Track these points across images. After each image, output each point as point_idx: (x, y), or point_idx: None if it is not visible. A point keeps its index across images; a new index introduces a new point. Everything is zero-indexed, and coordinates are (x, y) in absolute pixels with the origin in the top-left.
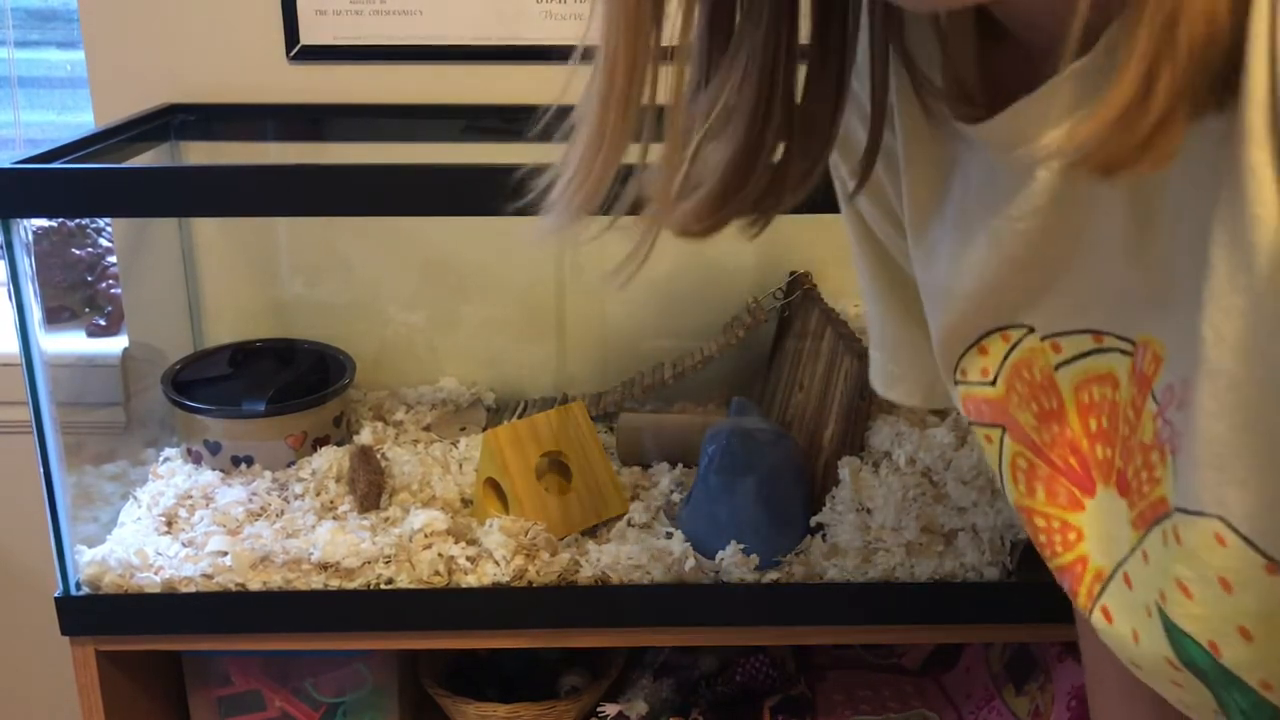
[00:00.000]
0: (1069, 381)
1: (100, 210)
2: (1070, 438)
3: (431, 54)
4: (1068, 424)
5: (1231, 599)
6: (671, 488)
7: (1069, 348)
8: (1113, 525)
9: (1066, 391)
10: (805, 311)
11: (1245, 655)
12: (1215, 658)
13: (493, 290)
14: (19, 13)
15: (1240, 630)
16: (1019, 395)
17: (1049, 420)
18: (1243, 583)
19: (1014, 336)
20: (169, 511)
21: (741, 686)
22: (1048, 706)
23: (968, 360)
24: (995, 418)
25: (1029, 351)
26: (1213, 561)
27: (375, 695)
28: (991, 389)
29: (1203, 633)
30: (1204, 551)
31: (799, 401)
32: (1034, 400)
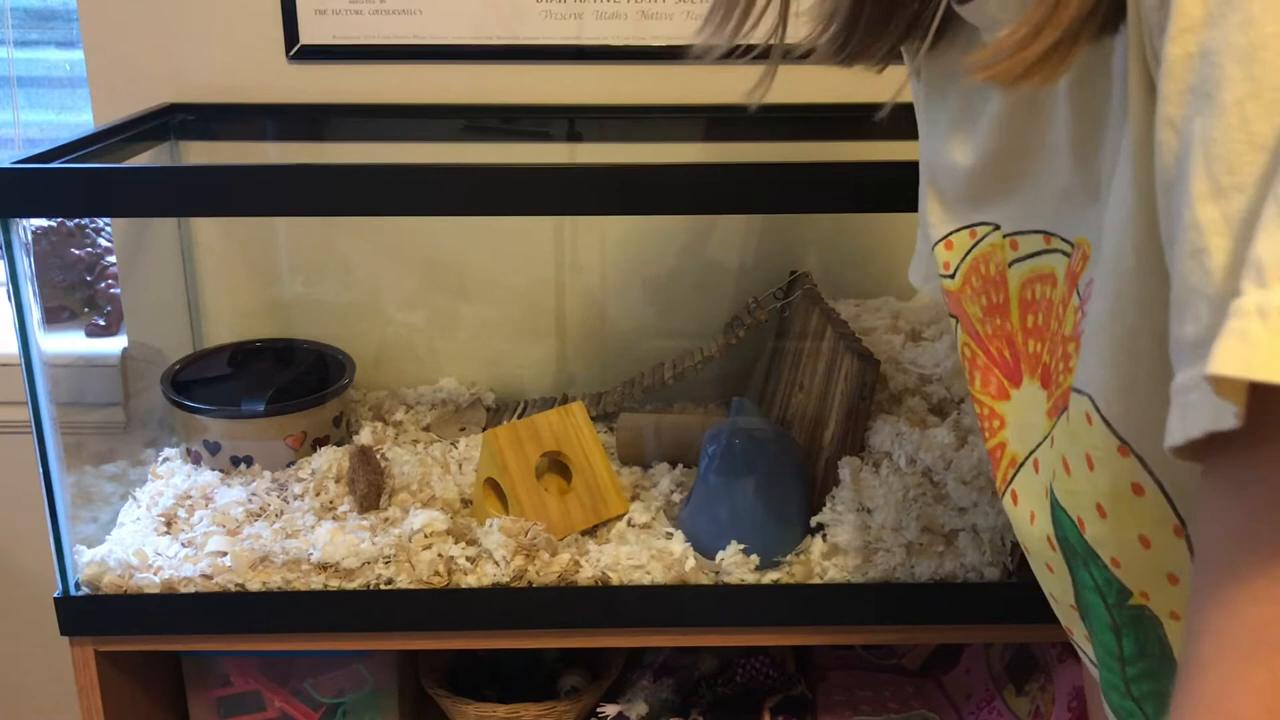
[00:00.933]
0: (1017, 278)
1: (100, 210)
2: (1008, 331)
3: (431, 54)
4: (1009, 318)
5: (1093, 476)
6: (671, 488)
7: (1024, 246)
8: (1031, 415)
9: (1014, 287)
10: (805, 311)
11: (1101, 531)
12: (1081, 533)
13: (493, 290)
14: (19, 12)
15: (1098, 507)
16: (972, 289)
17: (993, 313)
18: (1101, 460)
19: (980, 233)
20: (168, 512)
21: (741, 687)
22: (1048, 707)
23: (937, 251)
24: (952, 309)
25: (990, 247)
26: (1083, 438)
27: (375, 695)
28: (950, 281)
29: (1073, 507)
30: (1079, 429)
31: (799, 401)
32: (984, 294)
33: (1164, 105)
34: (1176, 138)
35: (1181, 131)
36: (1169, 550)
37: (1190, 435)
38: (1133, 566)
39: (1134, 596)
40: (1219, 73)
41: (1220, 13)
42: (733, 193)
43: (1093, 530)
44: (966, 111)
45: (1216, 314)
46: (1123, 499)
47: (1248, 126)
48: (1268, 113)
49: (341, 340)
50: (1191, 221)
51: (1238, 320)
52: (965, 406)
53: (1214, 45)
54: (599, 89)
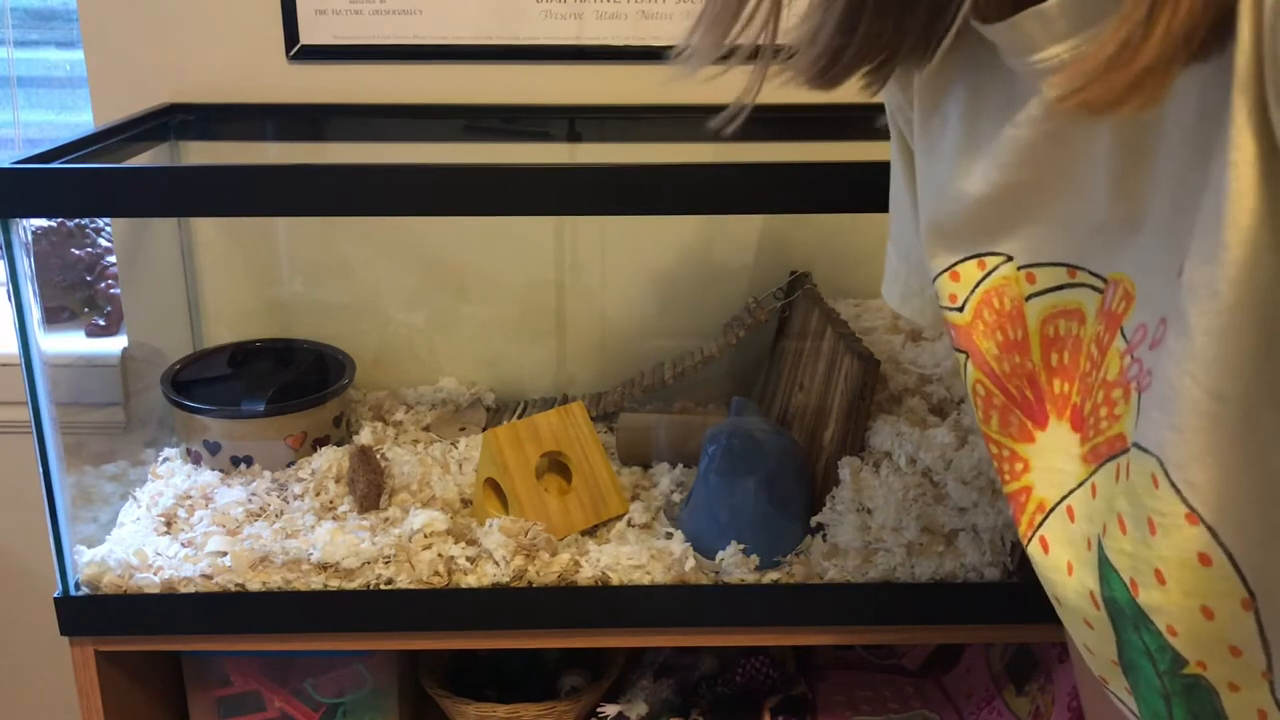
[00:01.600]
0: (1037, 314)
1: (100, 210)
2: (1029, 369)
3: (431, 54)
4: (1029, 355)
5: (1154, 541)
6: (671, 488)
7: (1043, 279)
8: (1060, 459)
9: (1033, 323)
10: (805, 311)
11: (1158, 598)
12: (1134, 596)
13: (493, 290)
14: (19, 12)
15: (1156, 573)
16: (985, 323)
17: (1011, 350)
18: (1165, 527)
19: (990, 264)
20: (168, 512)
21: (742, 687)
22: (1048, 707)
23: (941, 283)
24: (961, 344)
25: (1003, 280)
26: (1146, 501)
27: (375, 695)
28: (959, 315)
29: (1127, 569)
30: (1142, 489)
31: (799, 401)
32: (1000, 329)
33: None
34: None
35: None
36: (1234, 623)
37: None
38: (1192, 636)
39: (1189, 666)
40: None
41: None
42: (733, 193)
43: (1148, 596)
44: (975, 136)
45: None
46: (1187, 567)
47: None
48: None
49: (341, 340)
50: None
51: None
52: (965, 406)
53: None
54: (599, 89)
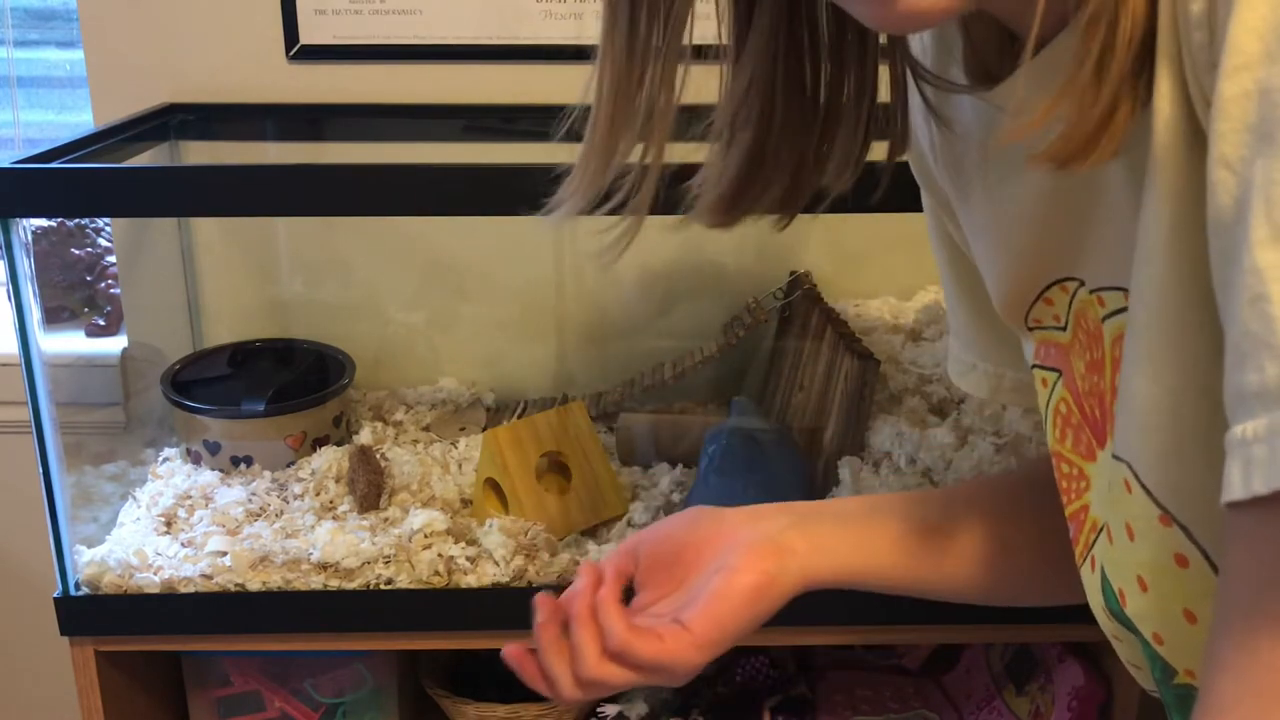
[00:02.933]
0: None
1: (100, 210)
2: (1102, 389)
3: (431, 54)
4: (1104, 375)
5: (1134, 547)
6: (671, 488)
7: (1110, 302)
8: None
9: (1108, 344)
10: (805, 311)
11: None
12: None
13: (493, 290)
14: (18, 12)
15: (1139, 580)
16: (1080, 343)
17: (1094, 370)
18: (1142, 531)
19: (1071, 288)
20: (168, 512)
21: (741, 687)
22: (1048, 707)
23: (1037, 311)
24: (1058, 362)
25: (1083, 303)
26: (1122, 507)
27: (375, 695)
28: (1063, 334)
29: (1115, 578)
30: (1119, 497)
31: (799, 401)
32: (1089, 349)
33: (1218, 144)
34: (1234, 178)
35: (1239, 173)
36: None
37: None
38: (1177, 643)
39: (1179, 675)
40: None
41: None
42: None
43: (1134, 604)
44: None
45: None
46: (1165, 571)
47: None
48: None
49: (341, 340)
50: (1251, 266)
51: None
52: (965, 406)
53: (1274, 83)
54: None
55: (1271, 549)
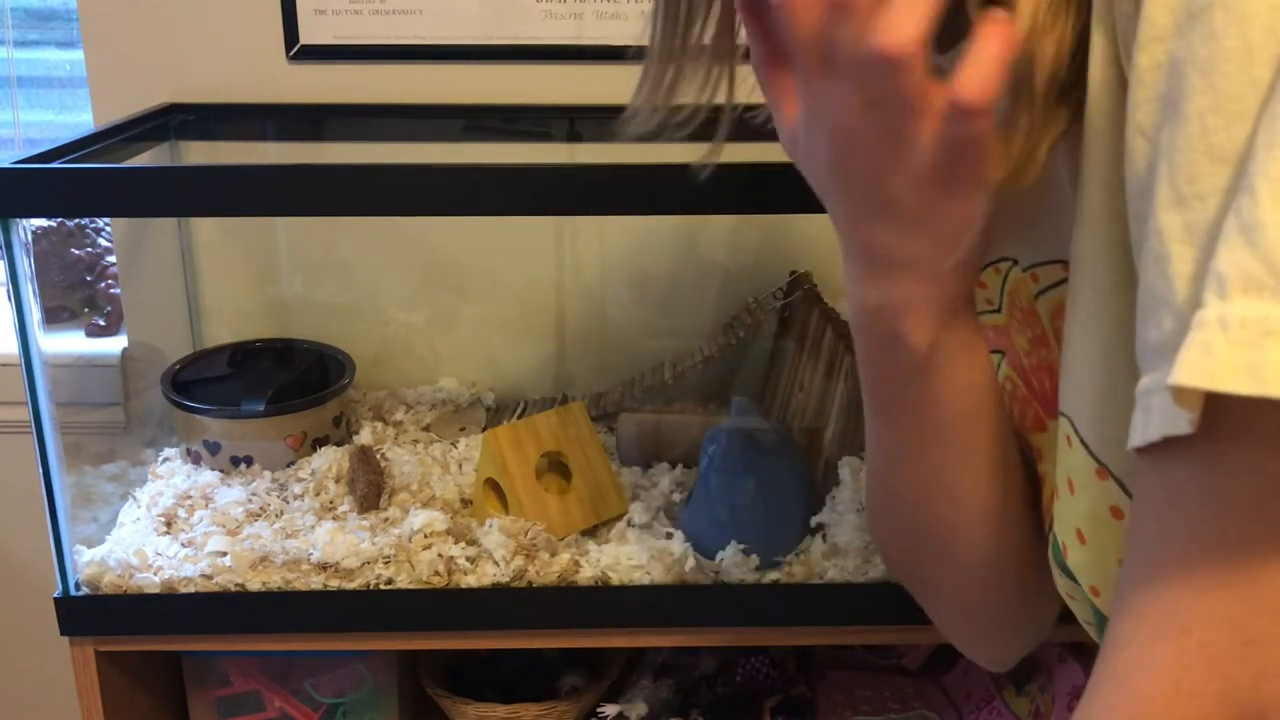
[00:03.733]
0: (1046, 310)
1: (100, 210)
2: (1050, 362)
3: (431, 54)
4: (1051, 350)
5: (1074, 500)
6: (671, 488)
7: (1045, 277)
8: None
9: (1045, 319)
10: (805, 311)
11: (1081, 558)
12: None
13: (493, 290)
14: (18, 12)
15: (1078, 533)
16: (1017, 321)
17: (1038, 345)
18: (1080, 485)
19: (1003, 269)
20: (168, 512)
21: (741, 687)
22: (1048, 707)
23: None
24: (998, 344)
25: (1016, 281)
26: (1064, 461)
27: (375, 695)
28: (998, 315)
29: (1060, 532)
30: (1062, 451)
31: (799, 401)
32: (1026, 326)
33: (1134, 113)
34: (1147, 144)
35: (1151, 139)
36: None
37: (1149, 438)
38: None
39: None
40: (1184, 83)
41: (1186, 24)
42: (733, 193)
43: (1074, 557)
44: None
45: (1178, 321)
46: (1102, 523)
47: (1208, 138)
48: (1227, 125)
49: (341, 340)
50: (1155, 228)
51: (1200, 332)
52: None
53: (1180, 55)
54: (599, 89)
55: (1166, 493)
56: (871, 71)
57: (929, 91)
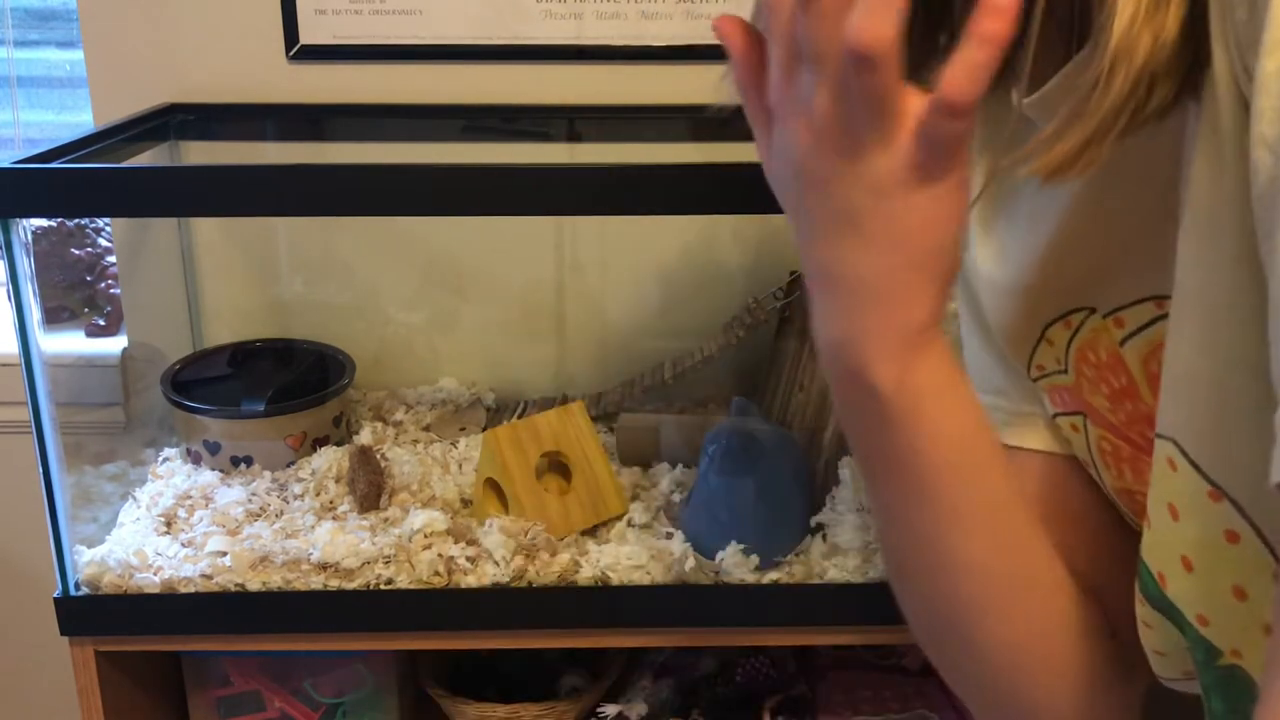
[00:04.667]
0: (1136, 355)
1: (100, 210)
2: (1146, 412)
3: (431, 54)
4: (1141, 399)
5: (1177, 527)
6: (671, 488)
7: (1131, 320)
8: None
9: (1135, 366)
10: (805, 311)
11: (1185, 586)
12: (1162, 589)
13: (493, 290)
14: (18, 12)
15: (1183, 560)
16: (1088, 379)
17: (1121, 399)
18: (1187, 509)
19: (1075, 321)
20: (168, 512)
21: (741, 687)
22: None
23: (1040, 355)
24: (1074, 405)
25: (1092, 333)
26: (1165, 487)
27: (375, 695)
28: (1064, 377)
29: (1154, 561)
30: (1160, 476)
31: (799, 401)
32: (1103, 381)
33: (1258, 123)
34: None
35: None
36: (1266, 600)
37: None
38: (1223, 622)
39: (1224, 656)
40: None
41: None
42: (733, 193)
43: (1176, 586)
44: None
45: None
46: (1214, 549)
47: None
48: None
49: (341, 340)
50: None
51: None
52: None
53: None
54: (599, 89)
55: None
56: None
57: (901, 91)
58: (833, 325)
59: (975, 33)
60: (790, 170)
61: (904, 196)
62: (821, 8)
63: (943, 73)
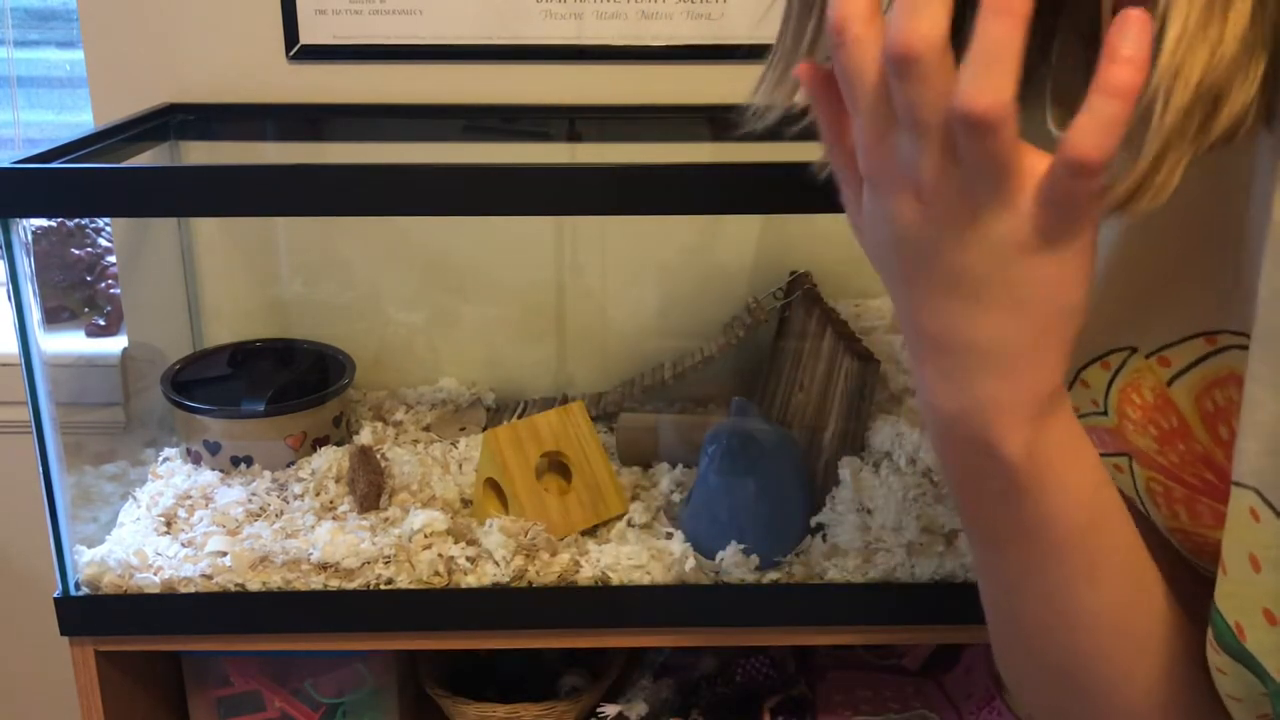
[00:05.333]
0: (1188, 394)
1: (100, 210)
2: (1200, 452)
3: (431, 54)
4: (1195, 439)
5: (1259, 579)
6: (671, 488)
7: (1179, 358)
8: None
9: (1186, 405)
10: (805, 311)
11: (1267, 639)
12: (1240, 640)
13: (493, 290)
14: (18, 12)
15: (1265, 612)
16: (1132, 421)
17: (1173, 439)
18: (1271, 561)
19: (1114, 362)
20: (168, 512)
21: (741, 687)
22: None
23: (1074, 397)
24: (1117, 446)
25: (1135, 373)
26: (1245, 537)
27: (375, 695)
28: (1105, 419)
29: (1231, 611)
30: (1240, 526)
31: (799, 401)
32: (1150, 423)
33: None
34: None
35: None
36: None
37: None
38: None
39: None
40: None
41: None
42: (733, 193)
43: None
44: None
45: None
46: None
47: None
48: None
49: (341, 340)
50: None
51: None
52: None
53: None
54: (599, 89)
55: None
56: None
57: (1019, 150)
58: (950, 396)
59: (1105, 85)
60: (892, 239)
61: (1028, 260)
62: (923, 72)
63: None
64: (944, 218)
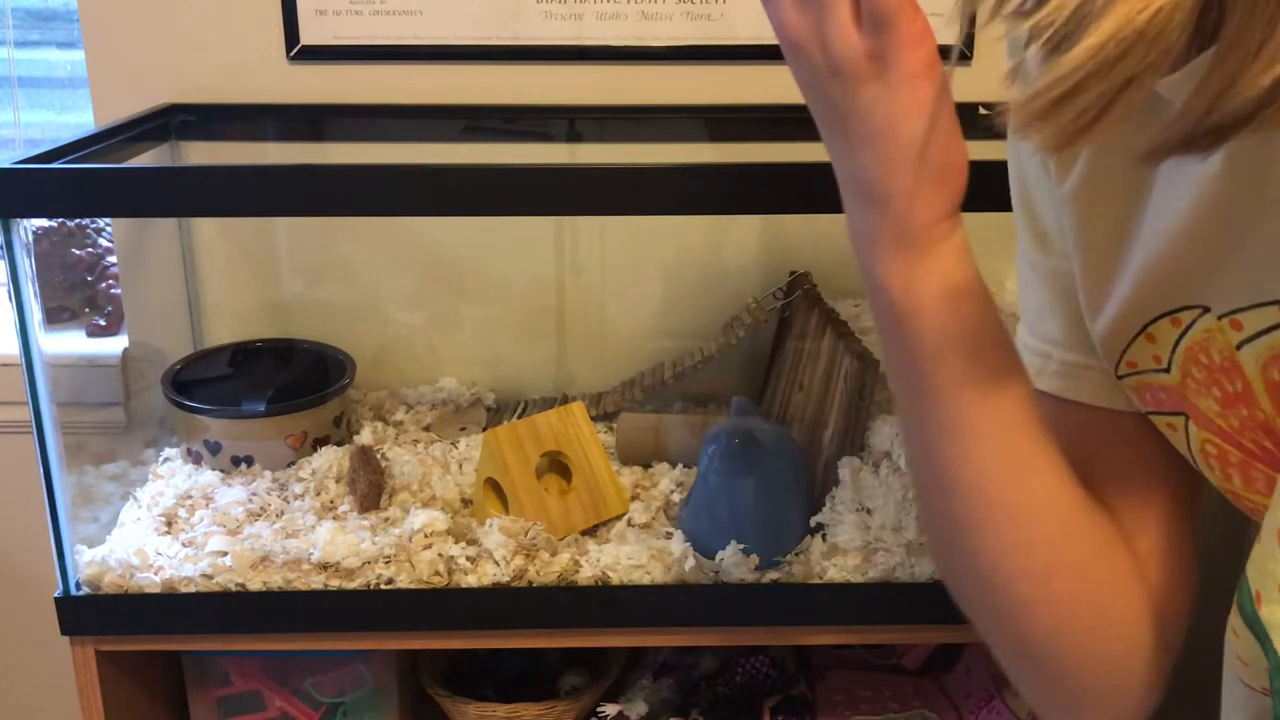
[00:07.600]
0: (1255, 360)
1: (100, 210)
2: (1261, 420)
3: (431, 54)
4: (1258, 405)
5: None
6: (671, 488)
7: (1250, 324)
8: None
9: (1252, 371)
10: (805, 311)
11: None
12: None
13: (493, 290)
14: (19, 12)
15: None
16: (1196, 381)
17: (1235, 404)
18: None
19: (1185, 319)
20: (169, 511)
21: (741, 686)
22: None
23: (1135, 350)
24: (1175, 405)
25: (1205, 333)
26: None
27: (375, 695)
28: (1166, 376)
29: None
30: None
31: (799, 401)
32: (1215, 385)
33: None
34: None
35: None
36: None
37: None
38: None
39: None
40: None
41: None
42: (733, 193)
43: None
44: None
45: None
46: None
47: None
48: None
49: (341, 340)
50: None
51: None
52: None
53: None
54: (599, 89)
55: None
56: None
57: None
58: (850, 226)
59: None
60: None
61: (866, 89)
62: None
63: None
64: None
